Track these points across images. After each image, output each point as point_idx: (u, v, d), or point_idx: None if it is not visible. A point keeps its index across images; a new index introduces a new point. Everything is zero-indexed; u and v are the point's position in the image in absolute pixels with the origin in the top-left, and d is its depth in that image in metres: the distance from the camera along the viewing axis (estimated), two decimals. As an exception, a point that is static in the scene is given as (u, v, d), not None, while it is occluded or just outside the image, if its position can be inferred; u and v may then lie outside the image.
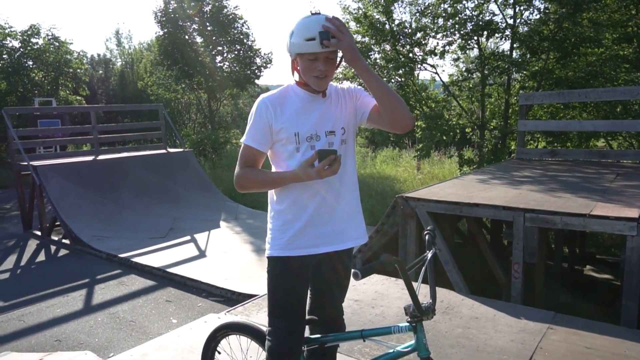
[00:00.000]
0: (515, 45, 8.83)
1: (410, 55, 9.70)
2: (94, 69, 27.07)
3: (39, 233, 8.16)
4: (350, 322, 2.66)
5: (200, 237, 7.44)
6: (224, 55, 18.48)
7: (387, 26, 9.58)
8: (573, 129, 7.87)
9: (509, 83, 9.13)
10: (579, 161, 6.77)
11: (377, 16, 9.65)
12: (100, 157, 9.07)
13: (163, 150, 10.22)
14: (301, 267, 1.93)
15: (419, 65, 9.84)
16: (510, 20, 8.82)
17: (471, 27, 8.82)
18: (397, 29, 9.57)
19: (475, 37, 9.00)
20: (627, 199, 4.04)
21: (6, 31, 16.34)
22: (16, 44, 16.70)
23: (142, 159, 9.39)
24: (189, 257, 6.48)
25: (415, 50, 9.71)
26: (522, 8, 8.68)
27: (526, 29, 8.72)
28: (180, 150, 10.51)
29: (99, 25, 66.78)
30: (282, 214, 1.93)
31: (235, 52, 18.33)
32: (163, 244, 7.10)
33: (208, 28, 17.87)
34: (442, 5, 9.15)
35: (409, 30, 9.57)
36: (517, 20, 8.81)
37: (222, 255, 6.54)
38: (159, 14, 17.36)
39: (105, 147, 10.14)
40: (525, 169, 6.20)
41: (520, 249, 3.86)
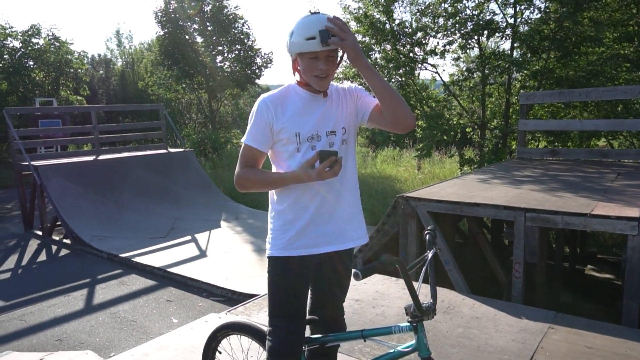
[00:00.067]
0: (515, 45, 8.82)
1: (411, 54, 9.69)
2: (94, 69, 27.08)
3: (40, 233, 8.17)
4: (351, 321, 2.66)
5: (201, 237, 7.44)
6: (225, 55, 18.49)
7: (387, 26, 9.57)
8: (574, 129, 7.86)
9: (510, 82, 9.12)
10: (579, 161, 6.76)
11: (378, 16, 9.64)
12: (101, 157, 9.08)
13: (164, 150, 10.23)
14: (302, 267, 1.93)
15: (419, 65, 9.83)
16: (510, 20, 8.82)
17: (471, 26, 8.81)
18: (398, 29, 9.56)
19: (476, 37, 8.99)
20: (628, 199, 4.04)
21: (7, 31, 16.36)
22: (17, 44, 16.73)
23: (142, 159, 9.40)
24: (190, 257, 6.48)
25: (416, 49, 9.70)
26: (523, 7, 8.67)
27: (527, 28, 8.71)
28: (181, 150, 10.52)
29: (100, 25, 66.96)
30: (282, 214, 1.93)
31: (236, 52, 18.34)
32: (164, 243, 7.10)
33: (208, 28, 17.88)
34: (442, 5, 9.15)
35: (410, 30, 9.56)
36: (518, 20, 8.80)
37: (223, 255, 6.54)
38: (160, 14, 17.38)
39: (106, 147, 10.15)
40: (526, 169, 6.20)
41: (521, 248, 3.86)
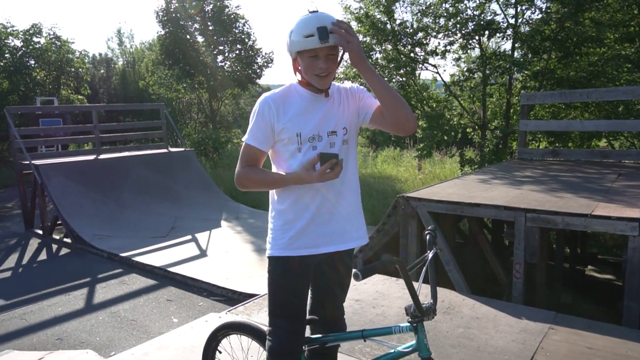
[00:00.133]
0: (516, 45, 8.82)
1: (412, 55, 9.69)
2: (95, 68, 27.09)
3: (40, 232, 8.17)
4: (351, 321, 2.66)
5: (201, 237, 7.45)
6: (225, 54, 18.49)
7: (388, 26, 9.57)
8: (575, 129, 7.85)
9: (511, 83, 9.11)
10: (580, 161, 6.75)
11: (379, 16, 9.63)
12: (102, 157, 9.08)
13: (164, 150, 10.23)
14: (302, 267, 1.93)
15: (420, 65, 9.83)
16: (511, 20, 8.81)
17: (472, 26, 8.81)
18: (399, 29, 9.56)
19: (477, 37, 8.99)
20: (629, 199, 4.04)
21: (8, 30, 16.39)
22: (18, 43, 16.75)
23: (143, 158, 9.40)
24: (190, 256, 6.49)
25: (417, 50, 9.69)
26: (524, 7, 8.67)
27: (528, 28, 8.70)
28: (182, 149, 10.52)
29: (101, 24, 67.02)
30: (283, 213, 1.93)
31: (237, 51, 18.34)
32: (164, 243, 7.11)
33: (209, 28, 17.87)
34: (443, 5, 9.14)
35: (410, 30, 9.55)
36: (519, 20, 8.79)
37: (223, 255, 6.55)
38: (161, 14, 17.38)
39: (107, 147, 10.16)
40: (526, 169, 6.20)
41: (521, 249, 3.86)
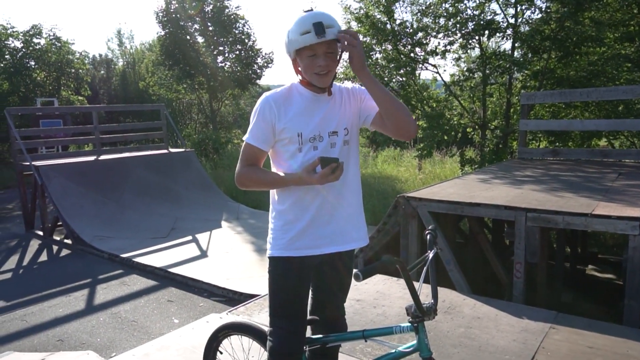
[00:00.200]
0: (516, 45, 8.81)
1: (412, 55, 9.69)
2: (95, 69, 27.10)
3: (41, 233, 8.18)
4: (352, 321, 2.66)
5: (202, 237, 7.45)
6: (226, 55, 18.50)
7: (388, 26, 9.57)
8: (575, 129, 7.85)
9: (511, 82, 9.11)
10: (580, 160, 6.75)
11: (379, 16, 9.64)
12: (102, 157, 9.09)
13: (165, 151, 10.24)
14: (302, 267, 1.93)
15: (420, 65, 9.83)
16: (511, 20, 8.81)
17: (472, 26, 8.81)
18: (399, 29, 9.56)
19: (477, 37, 8.99)
20: (630, 199, 4.04)
21: (8, 31, 16.40)
22: (18, 44, 16.77)
23: (143, 159, 9.41)
24: (191, 257, 6.49)
25: (417, 50, 9.69)
26: (524, 7, 8.67)
27: (527, 28, 8.70)
28: (182, 150, 10.52)
29: (101, 25, 66.93)
30: (283, 214, 1.93)
31: (237, 52, 18.35)
32: (165, 244, 7.11)
33: (209, 28, 17.88)
34: (443, 5, 9.14)
35: (410, 30, 9.56)
36: (519, 20, 8.79)
37: (224, 255, 6.55)
38: (161, 14, 17.39)
39: (107, 147, 10.15)
40: (526, 169, 6.20)
41: (522, 248, 3.86)
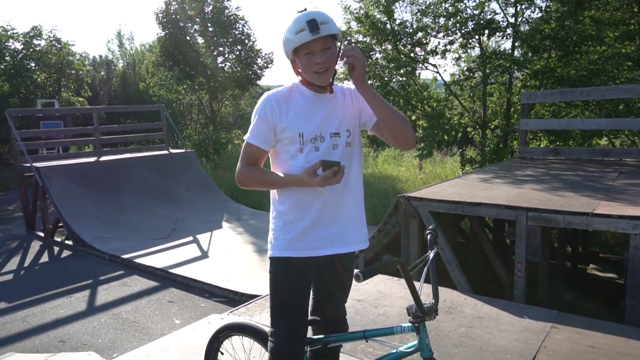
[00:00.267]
0: (516, 44, 8.80)
1: (412, 54, 9.69)
2: (95, 70, 27.12)
3: (42, 234, 8.18)
4: (353, 322, 2.66)
5: (203, 238, 7.45)
6: (226, 56, 18.51)
7: (388, 26, 9.56)
8: (575, 128, 7.85)
9: (511, 82, 9.10)
10: (581, 160, 6.75)
11: (378, 16, 9.63)
12: (103, 158, 9.09)
13: (165, 151, 10.24)
14: (303, 267, 1.93)
15: (420, 65, 9.82)
16: (511, 19, 8.80)
17: (472, 26, 8.80)
18: (398, 29, 9.56)
19: (477, 36, 8.98)
20: (631, 197, 4.03)
21: (8, 33, 16.41)
22: (18, 45, 16.78)
23: (144, 160, 9.41)
24: (192, 257, 6.49)
25: (417, 49, 9.69)
26: (524, 6, 8.66)
27: (528, 27, 8.69)
28: (182, 151, 10.52)
29: (101, 26, 66.86)
30: (284, 214, 1.93)
31: (237, 52, 18.36)
32: (165, 244, 7.11)
33: (209, 29, 17.89)
34: (443, 5, 9.14)
35: (410, 30, 9.55)
36: (519, 19, 8.78)
37: (225, 256, 6.55)
38: (160, 15, 17.40)
39: (108, 148, 10.14)
40: (527, 168, 6.19)
41: (523, 248, 3.85)
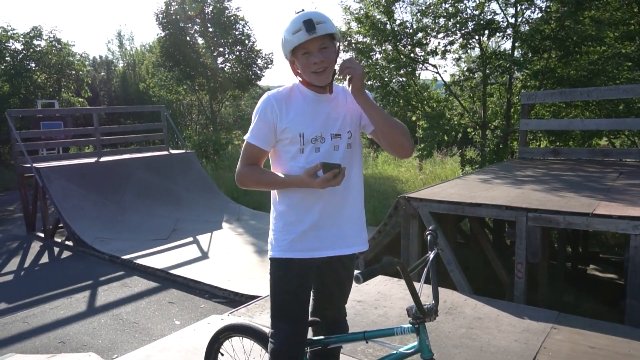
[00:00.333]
0: (516, 44, 8.80)
1: (412, 55, 9.69)
2: (96, 71, 27.13)
3: (42, 235, 8.18)
4: (353, 322, 2.66)
5: (203, 239, 7.45)
6: (226, 56, 18.53)
7: (388, 26, 9.57)
8: (575, 128, 7.84)
9: (511, 82, 9.10)
10: (581, 160, 6.74)
11: (378, 16, 9.64)
12: (103, 159, 9.09)
13: (165, 152, 10.24)
14: (304, 268, 1.93)
15: (420, 65, 9.82)
16: (511, 19, 8.80)
17: (472, 26, 8.80)
18: (399, 29, 9.56)
19: (477, 37, 8.98)
20: (631, 198, 4.03)
21: (8, 33, 16.41)
22: (18, 46, 16.79)
23: (144, 160, 9.41)
24: (192, 258, 6.49)
25: (417, 50, 9.69)
26: (524, 7, 8.66)
27: (528, 27, 8.69)
28: (183, 151, 10.52)
29: (101, 27, 66.82)
30: (284, 215, 1.93)
31: (237, 53, 18.36)
32: (165, 245, 7.11)
33: (209, 29, 17.90)
34: (443, 5, 9.14)
35: (410, 30, 9.55)
36: (519, 19, 8.78)
37: (225, 257, 6.55)
38: (161, 16, 17.42)
39: (108, 149, 10.15)
40: (527, 169, 6.19)
41: (523, 248, 3.85)
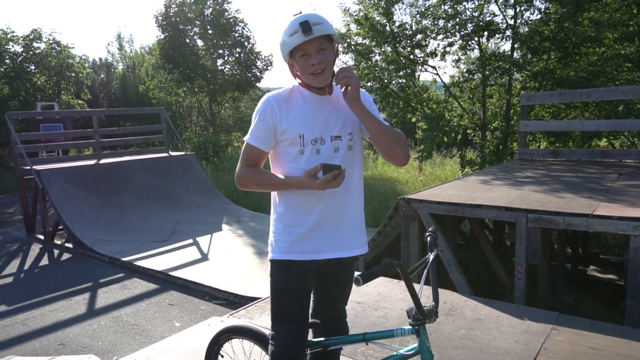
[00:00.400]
0: (516, 46, 8.81)
1: (411, 56, 9.70)
2: (95, 73, 27.13)
3: (42, 237, 8.18)
4: (353, 324, 2.66)
5: (203, 241, 7.45)
6: (225, 58, 18.53)
7: (387, 28, 9.58)
8: (575, 129, 7.84)
9: (510, 83, 9.11)
10: (581, 161, 6.75)
11: (378, 18, 9.65)
12: (103, 161, 9.09)
13: (165, 154, 10.24)
14: (304, 270, 1.93)
15: (420, 67, 9.83)
16: (510, 21, 8.81)
17: (471, 28, 8.81)
18: (398, 31, 9.57)
19: (476, 38, 8.99)
20: (630, 199, 4.03)
21: (8, 36, 16.43)
22: (18, 48, 16.80)
23: (144, 162, 9.41)
24: (192, 260, 6.49)
25: (416, 51, 9.70)
26: (523, 8, 8.67)
27: (527, 29, 8.70)
28: (182, 153, 10.52)
29: (101, 29, 66.82)
30: (284, 217, 1.93)
31: (236, 55, 18.38)
32: (165, 247, 7.11)
33: (209, 31, 17.91)
34: (442, 7, 9.15)
35: (410, 32, 9.57)
36: (518, 21, 8.79)
37: (225, 259, 6.54)
38: (160, 18, 17.43)
39: (107, 151, 10.16)
40: (527, 170, 6.19)
41: (523, 249, 3.85)
